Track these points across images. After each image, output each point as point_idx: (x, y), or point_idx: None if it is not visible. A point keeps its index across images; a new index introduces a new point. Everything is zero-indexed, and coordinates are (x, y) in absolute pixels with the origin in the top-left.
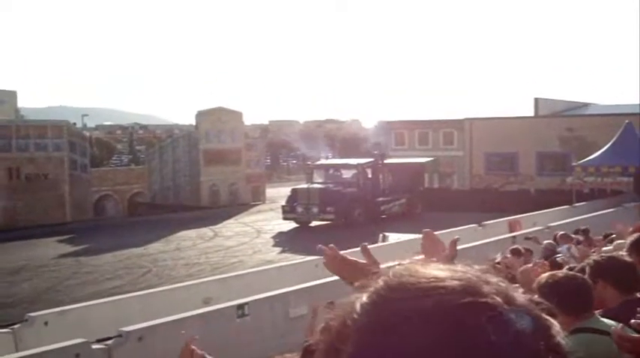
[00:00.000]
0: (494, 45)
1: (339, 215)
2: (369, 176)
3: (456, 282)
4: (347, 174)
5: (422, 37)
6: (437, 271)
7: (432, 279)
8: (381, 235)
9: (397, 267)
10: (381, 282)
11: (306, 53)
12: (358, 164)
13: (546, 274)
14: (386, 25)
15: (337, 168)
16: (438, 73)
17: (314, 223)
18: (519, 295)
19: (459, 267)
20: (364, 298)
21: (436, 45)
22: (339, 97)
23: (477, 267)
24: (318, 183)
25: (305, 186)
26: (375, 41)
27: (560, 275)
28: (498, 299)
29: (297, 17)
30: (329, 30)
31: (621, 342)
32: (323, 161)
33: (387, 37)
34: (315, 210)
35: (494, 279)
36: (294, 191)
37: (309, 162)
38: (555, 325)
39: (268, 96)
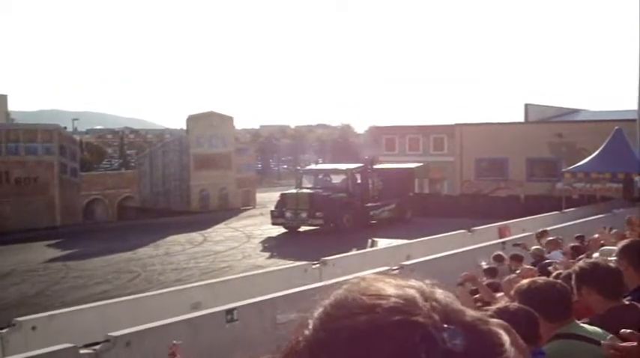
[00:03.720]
0: (485, 51)
1: (327, 220)
2: (359, 181)
3: (393, 300)
4: (336, 180)
5: (412, 44)
6: (384, 286)
7: (372, 296)
8: (369, 240)
9: (352, 280)
10: (331, 297)
11: (297, 58)
12: (347, 169)
13: (526, 280)
14: (378, 31)
15: (327, 173)
16: (428, 79)
17: (303, 228)
18: (467, 311)
19: (410, 282)
20: (315, 313)
21: (427, 51)
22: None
23: (428, 281)
24: (307, 188)
25: (294, 191)
26: (367, 47)
27: (540, 281)
28: (435, 316)
29: (287, 23)
30: (318, 36)
31: (611, 354)
32: (313, 166)
33: (379, 44)
34: (303, 215)
35: (439, 295)
36: (283, 196)
37: (298, 167)
38: (502, 342)
39: (259, 101)
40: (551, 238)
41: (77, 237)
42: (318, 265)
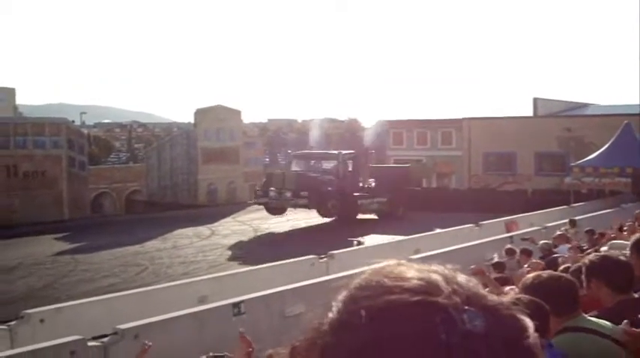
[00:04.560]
0: (493, 44)
1: (312, 201)
2: (350, 169)
3: (415, 282)
4: (327, 166)
5: (421, 37)
6: (406, 270)
7: (394, 278)
8: (355, 241)
9: (374, 265)
10: (356, 281)
11: (305, 52)
12: (339, 153)
13: (531, 275)
14: (385, 24)
15: (318, 157)
16: (436, 73)
17: (305, 223)
18: (490, 296)
19: (432, 267)
20: (339, 297)
21: (435, 45)
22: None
23: (450, 266)
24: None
25: (281, 170)
26: (374, 41)
27: (545, 275)
28: (456, 298)
29: (296, 16)
30: (328, 29)
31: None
32: (304, 151)
33: (386, 37)
34: (288, 194)
35: (461, 279)
36: (269, 175)
37: (289, 151)
38: (526, 326)
39: (267, 95)
40: (559, 232)
41: (85, 231)
42: (325, 259)
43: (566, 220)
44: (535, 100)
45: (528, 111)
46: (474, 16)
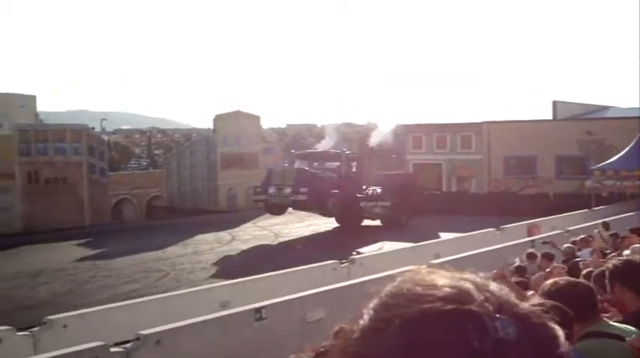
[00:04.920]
0: (513, 48)
1: (311, 198)
2: (354, 169)
3: (447, 290)
4: (331, 165)
5: (440, 41)
6: (438, 278)
7: (426, 286)
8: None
9: (407, 273)
10: (386, 289)
11: (323, 57)
12: (342, 152)
13: (549, 281)
14: (405, 27)
15: (321, 156)
16: (455, 77)
17: (325, 228)
18: (522, 304)
19: (465, 275)
20: (371, 304)
21: (454, 48)
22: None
23: (482, 274)
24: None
25: (281, 167)
26: (392, 45)
27: (563, 282)
28: (488, 307)
29: (314, 21)
30: (346, 33)
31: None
32: (307, 150)
33: (404, 42)
34: (287, 191)
35: (492, 287)
36: (269, 171)
37: (292, 151)
38: (557, 334)
39: (286, 100)
40: (582, 236)
41: (106, 237)
42: (346, 264)
43: (589, 223)
44: (554, 103)
45: (547, 115)
46: (492, 18)
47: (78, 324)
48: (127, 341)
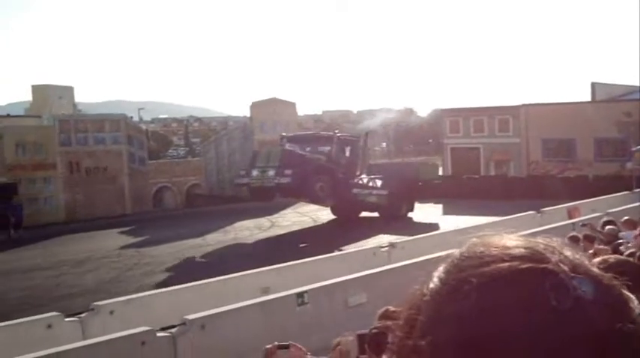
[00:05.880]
0: (551, 29)
1: (296, 181)
2: (347, 154)
3: (522, 250)
4: (323, 149)
5: (479, 24)
6: (509, 241)
7: (500, 248)
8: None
9: (474, 239)
10: (457, 252)
11: (358, 42)
12: (333, 135)
13: (598, 259)
14: (440, 11)
15: (313, 140)
16: (493, 59)
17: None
18: (594, 267)
19: (538, 239)
20: (441, 268)
21: (491, 30)
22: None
23: (557, 239)
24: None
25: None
26: (428, 27)
27: (612, 260)
28: (563, 267)
29: (349, 6)
30: (381, 19)
31: None
32: (298, 133)
33: (442, 24)
34: (271, 173)
35: (567, 251)
36: (254, 153)
37: (283, 134)
38: (629, 298)
39: (322, 86)
40: (627, 218)
41: (147, 225)
42: (387, 248)
43: (630, 205)
44: (593, 85)
45: (586, 97)
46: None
47: (124, 310)
48: (173, 326)
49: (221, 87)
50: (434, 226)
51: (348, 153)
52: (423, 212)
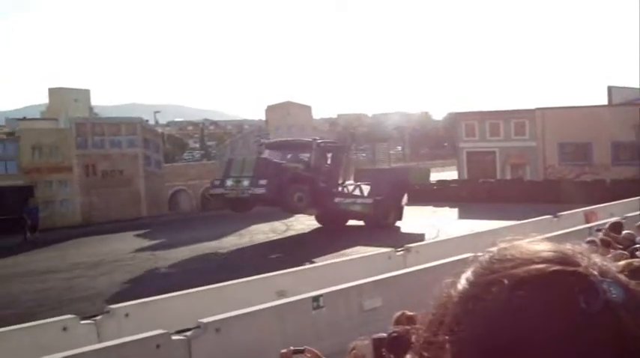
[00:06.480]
0: (566, 32)
1: (271, 191)
2: (328, 161)
3: (552, 253)
4: (304, 156)
5: (493, 26)
6: (538, 245)
7: (529, 252)
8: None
9: (501, 244)
10: (486, 255)
11: (374, 46)
12: (313, 141)
13: (622, 263)
14: (453, 13)
15: (293, 147)
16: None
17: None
18: (620, 273)
19: (566, 245)
20: (469, 270)
21: (507, 33)
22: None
23: (585, 245)
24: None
25: (242, 156)
26: (444, 30)
27: (637, 263)
28: (593, 270)
29: (364, 9)
30: (397, 22)
31: None
32: (278, 139)
33: (456, 26)
34: (245, 183)
35: (595, 257)
36: (229, 161)
37: (262, 139)
38: None
39: (336, 90)
40: None
41: (163, 227)
42: (402, 252)
43: None
44: (609, 89)
45: (602, 100)
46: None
47: (139, 313)
48: (188, 329)
49: (236, 90)
50: (418, 236)
51: (329, 161)
52: (437, 216)
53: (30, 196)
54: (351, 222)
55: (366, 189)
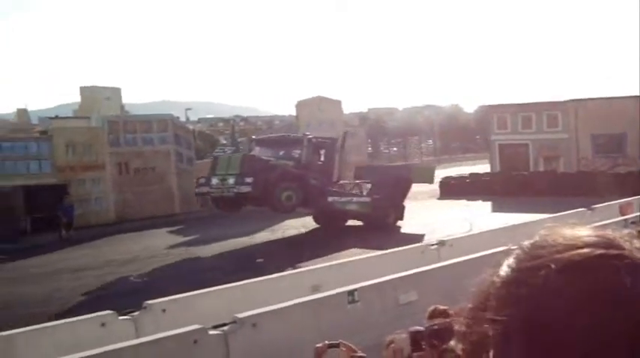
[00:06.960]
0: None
1: (257, 189)
2: (321, 158)
3: (595, 238)
4: (295, 153)
5: (523, 16)
6: (580, 231)
7: (571, 237)
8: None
9: (542, 230)
10: (527, 242)
11: (405, 39)
12: (304, 137)
13: None
14: (485, 4)
15: (284, 143)
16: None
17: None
18: None
19: (607, 231)
20: (510, 258)
21: (538, 24)
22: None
23: (625, 231)
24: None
25: (229, 153)
26: (475, 22)
27: None
28: (636, 253)
29: (397, 2)
30: (427, 15)
31: None
32: (267, 136)
33: (488, 17)
34: (231, 181)
35: (638, 242)
36: (214, 158)
37: (253, 136)
38: None
39: (367, 84)
40: None
41: (196, 224)
42: (436, 246)
43: None
44: None
45: (635, 91)
46: None
47: (176, 308)
48: (225, 324)
49: (267, 86)
50: (417, 237)
51: (322, 157)
52: (470, 209)
53: (65, 194)
54: (351, 222)
55: (365, 188)
